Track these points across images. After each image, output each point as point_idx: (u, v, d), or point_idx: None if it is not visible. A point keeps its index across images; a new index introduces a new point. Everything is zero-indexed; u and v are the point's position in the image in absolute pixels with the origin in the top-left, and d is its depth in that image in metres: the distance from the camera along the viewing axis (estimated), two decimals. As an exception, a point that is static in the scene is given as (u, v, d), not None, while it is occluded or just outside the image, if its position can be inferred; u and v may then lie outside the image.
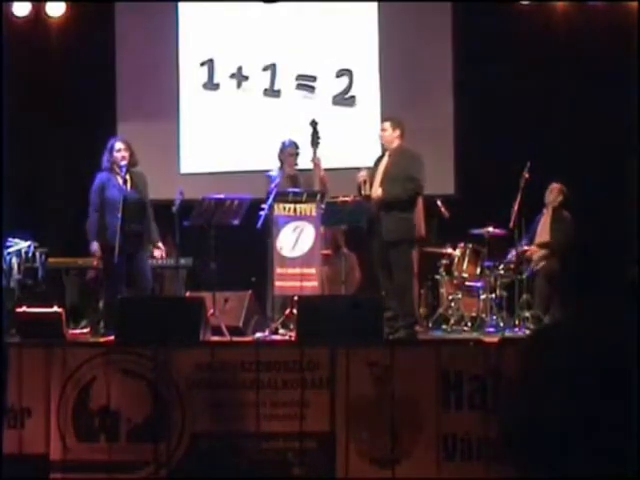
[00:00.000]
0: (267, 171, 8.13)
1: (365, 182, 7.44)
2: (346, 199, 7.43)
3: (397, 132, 7.55)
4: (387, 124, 7.60)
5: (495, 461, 4.95)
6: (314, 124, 7.65)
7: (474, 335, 7.76)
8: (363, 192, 7.42)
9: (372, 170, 7.54)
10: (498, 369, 5.06)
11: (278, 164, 8.12)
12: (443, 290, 8.66)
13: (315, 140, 7.62)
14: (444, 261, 8.68)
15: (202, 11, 10.14)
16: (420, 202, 7.50)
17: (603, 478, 2.43)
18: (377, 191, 7.38)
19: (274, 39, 10.07)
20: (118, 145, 7.41)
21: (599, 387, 2.47)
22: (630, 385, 2.46)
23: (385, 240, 7.36)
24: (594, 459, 2.45)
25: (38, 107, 10.08)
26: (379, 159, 7.62)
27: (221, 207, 7.27)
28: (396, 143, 7.56)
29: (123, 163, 7.33)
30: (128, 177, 7.34)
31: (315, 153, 7.66)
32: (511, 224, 7.84)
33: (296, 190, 7.53)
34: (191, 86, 10.15)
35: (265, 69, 10.07)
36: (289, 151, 7.98)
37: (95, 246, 7.30)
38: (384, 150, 7.63)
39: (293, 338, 6.22)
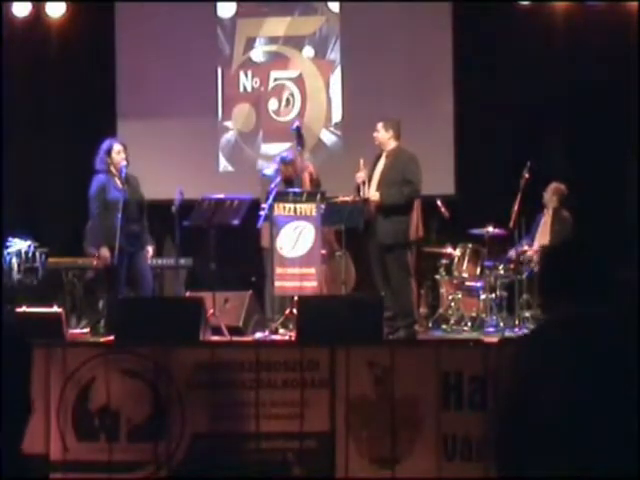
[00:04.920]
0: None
1: (364, 183, 7.44)
2: (346, 199, 7.44)
3: (390, 133, 7.53)
4: (379, 125, 7.55)
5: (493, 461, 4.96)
6: (298, 129, 7.70)
7: (474, 335, 7.76)
8: (362, 194, 7.42)
9: (370, 171, 7.53)
10: (498, 369, 5.06)
11: (274, 166, 8.18)
12: (443, 290, 8.65)
13: (300, 144, 7.70)
14: (444, 261, 8.68)
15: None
16: (417, 203, 7.50)
17: (597, 478, 2.44)
18: (375, 195, 7.38)
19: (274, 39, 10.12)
20: (117, 147, 7.40)
21: (587, 388, 2.49)
22: (618, 386, 2.47)
23: (381, 243, 7.37)
24: (583, 459, 2.46)
25: (38, 107, 10.08)
26: (376, 159, 7.61)
27: (221, 207, 7.27)
28: (392, 144, 7.54)
29: (123, 164, 7.34)
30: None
31: (301, 156, 7.75)
32: (511, 224, 7.84)
33: (296, 190, 7.55)
34: (191, 86, 10.17)
35: (265, 69, 10.10)
36: (291, 165, 8.01)
37: (106, 251, 7.21)
38: (381, 150, 7.61)
39: (293, 338, 6.22)
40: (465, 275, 8.55)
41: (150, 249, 7.59)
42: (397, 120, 7.66)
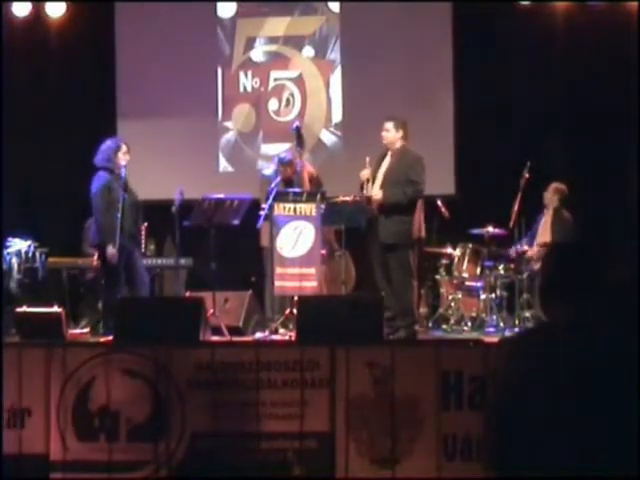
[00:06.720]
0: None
1: (368, 181, 7.43)
2: (346, 199, 7.43)
3: (400, 133, 7.49)
4: (390, 124, 7.49)
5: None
6: (297, 130, 7.72)
7: (474, 335, 7.77)
8: (365, 192, 7.41)
9: (374, 168, 7.50)
10: (495, 368, 5.06)
11: (274, 166, 8.21)
12: (443, 290, 8.66)
13: (300, 144, 7.71)
14: (444, 261, 8.68)
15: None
16: (420, 203, 7.48)
17: (597, 478, 2.45)
18: (378, 194, 7.36)
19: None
20: (125, 148, 7.43)
21: (576, 388, 2.49)
22: (607, 385, 2.48)
23: (383, 242, 7.36)
24: (573, 458, 2.46)
25: (38, 107, 10.08)
26: (381, 158, 7.58)
27: (221, 207, 7.28)
28: (399, 144, 7.50)
29: (124, 164, 7.36)
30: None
31: (301, 156, 7.76)
32: (511, 224, 7.84)
33: (296, 190, 7.55)
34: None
35: (265, 69, 10.10)
36: (289, 166, 8.03)
37: (112, 250, 7.16)
38: (386, 150, 7.59)
39: (293, 338, 6.22)
40: (465, 275, 8.56)
41: None
42: (404, 120, 7.59)
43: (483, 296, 8.34)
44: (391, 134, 7.48)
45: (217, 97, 10.17)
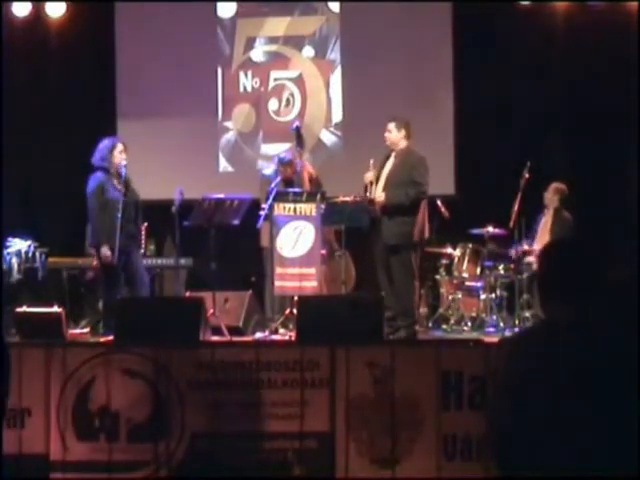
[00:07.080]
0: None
1: (372, 183, 7.41)
2: (346, 199, 7.43)
3: (402, 133, 7.47)
4: (392, 125, 7.48)
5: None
6: (297, 130, 7.72)
7: (474, 335, 7.77)
8: (369, 194, 7.40)
9: (377, 170, 7.48)
10: (496, 368, 5.06)
11: (274, 166, 8.22)
12: (443, 290, 8.66)
13: (300, 144, 7.72)
14: (444, 261, 8.69)
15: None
16: (424, 204, 7.47)
17: (596, 478, 2.45)
18: (381, 196, 7.35)
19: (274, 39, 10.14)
20: (120, 146, 7.40)
21: (575, 387, 2.49)
22: (607, 385, 2.48)
23: (386, 243, 7.35)
24: (573, 458, 2.46)
25: (38, 107, 10.08)
26: (385, 159, 7.56)
27: (221, 207, 7.27)
28: (403, 144, 7.48)
29: (124, 164, 7.34)
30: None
31: (301, 156, 7.76)
32: (511, 224, 7.84)
33: (296, 190, 7.55)
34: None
35: (265, 69, 10.10)
36: (289, 166, 8.04)
37: (107, 250, 7.13)
38: (390, 150, 7.57)
39: (293, 338, 6.22)
40: (465, 275, 8.56)
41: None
42: (407, 120, 7.58)
43: (483, 296, 8.35)
44: (393, 134, 7.48)
45: (217, 97, 10.17)
